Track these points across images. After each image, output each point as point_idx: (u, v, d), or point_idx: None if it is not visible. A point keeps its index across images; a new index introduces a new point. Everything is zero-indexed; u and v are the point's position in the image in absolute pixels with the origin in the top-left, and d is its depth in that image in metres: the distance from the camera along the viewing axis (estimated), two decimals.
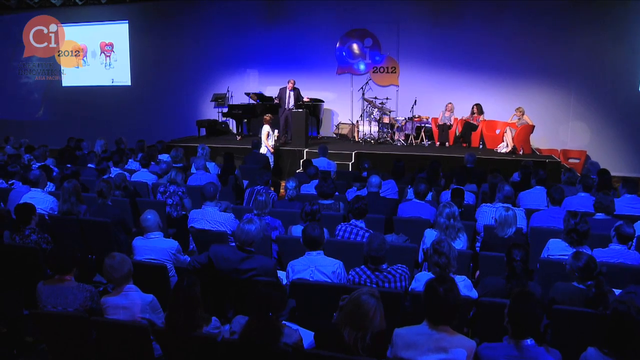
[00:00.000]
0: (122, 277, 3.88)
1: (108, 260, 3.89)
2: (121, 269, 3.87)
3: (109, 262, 3.87)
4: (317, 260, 4.47)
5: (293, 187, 6.97)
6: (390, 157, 11.91)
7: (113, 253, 3.96)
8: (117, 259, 3.89)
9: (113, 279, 3.90)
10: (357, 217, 5.54)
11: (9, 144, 12.63)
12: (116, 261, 3.88)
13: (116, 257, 3.91)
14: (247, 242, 4.50)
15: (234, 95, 16.59)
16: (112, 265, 3.86)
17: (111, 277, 3.89)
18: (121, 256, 3.94)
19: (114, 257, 3.91)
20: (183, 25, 17.34)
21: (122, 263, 3.89)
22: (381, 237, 4.27)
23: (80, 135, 13.12)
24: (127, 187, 7.54)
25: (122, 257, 3.93)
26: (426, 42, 14.78)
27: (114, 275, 3.87)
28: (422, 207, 6.48)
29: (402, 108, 14.68)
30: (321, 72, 15.89)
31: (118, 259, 3.89)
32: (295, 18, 16.03)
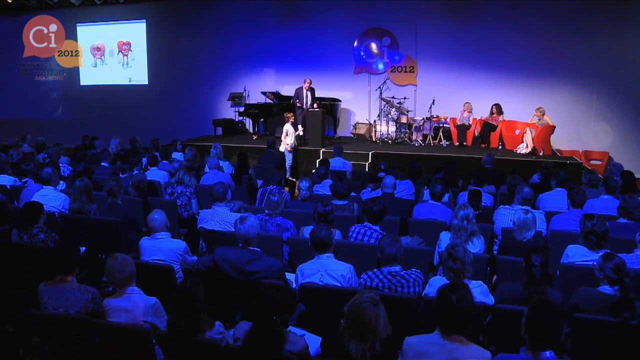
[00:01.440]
0: (124, 279, 3.76)
1: (110, 261, 3.78)
2: (123, 270, 3.75)
3: (111, 263, 3.76)
4: (326, 264, 4.32)
5: (306, 188, 6.83)
6: (408, 157, 11.75)
7: (115, 254, 3.85)
8: (119, 260, 3.77)
9: (115, 281, 3.79)
10: (372, 222, 5.36)
11: (26, 142, 12.64)
12: (118, 262, 3.76)
13: (118, 258, 3.80)
14: (245, 240, 4.36)
15: (250, 94, 16.50)
16: (114, 266, 3.74)
17: (113, 278, 3.78)
18: (123, 257, 3.83)
19: (116, 258, 3.80)
20: (200, 24, 17.28)
21: (125, 264, 3.77)
22: (394, 240, 4.11)
23: (98, 134, 13.12)
24: (141, 187, 7.46)
25: (124, 258, 3.81)
26: (445, 41, 14.55)
27: (116, 276, 3.76)
28: (438, 209, 6.31)
29: (420, 108, 14.47)
30: (338, 71, 15.74)
31: (120, 260, 3.77)
32: (312, 17, 15.89)
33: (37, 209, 5.44)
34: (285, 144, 11.88)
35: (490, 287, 4.84)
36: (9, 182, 8.22)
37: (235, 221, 4.43)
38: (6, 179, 8.31)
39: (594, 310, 3.70)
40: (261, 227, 5.74)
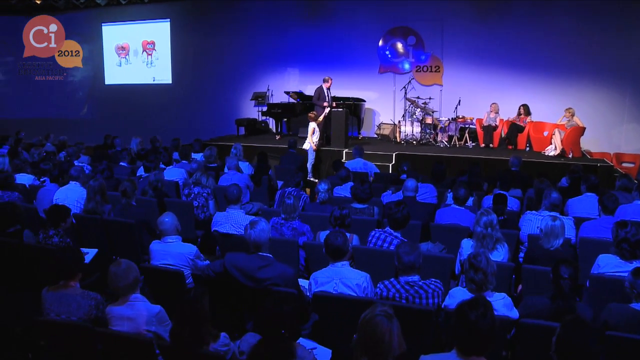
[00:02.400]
0: (127, 286, 3.60)
1: (113, 267, 3.63)
2: (126, 277, 3.60)
3: (114, 270, 3.61)
4: (341, 272, 4.11)
5: (325, 190, 6.63)
6: (432, 159, 11.49)
7: (119, 259, 3.70)
8: (123, 266, 3.62)
9: (117, 288, 3.63)
10: (394, 228, 5.12)
11: (49, 141, 12.68)
12: (121, 268, 3.61)
13: (122, 264, 3.64)
14: (256, 245, 4.17)
15: (274, 93, 16.37)
16: (117, 272, 3.59)
17: (115, 285, 3.62)
18: (127, 263, 3.67)
19: (120, 264, 3.65)
20: (224, 24, 17.21)
21: (128, 271, 3.61)
22: (413, 247, 3.89)
23: (122, 133, 13.11)
24: (158, 187, 7.32)
25: (128, 265, 3.65)
26: (471, 40, 14.22)
27: (118, 283, 3.60)
28: (461, 214, 6.05)
29: (445, 108, 14.14)
30: (363, 71, 15.52)
31: (123, 267, 3.62)
32: (336, 15, 15.69)
33: (62, 214, 5.35)
34: (311, 142, 11.66)
35: (515, 298, 4.61)
36: (29, 181, 8.19)
37: (245, 225, 4.25)
38: (25, 177, 8.29)
39: (626, 328, 3.43)
40: (276, 231, 5.58)
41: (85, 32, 19.37)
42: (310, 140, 11.71)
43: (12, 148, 10.58)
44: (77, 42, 19.25)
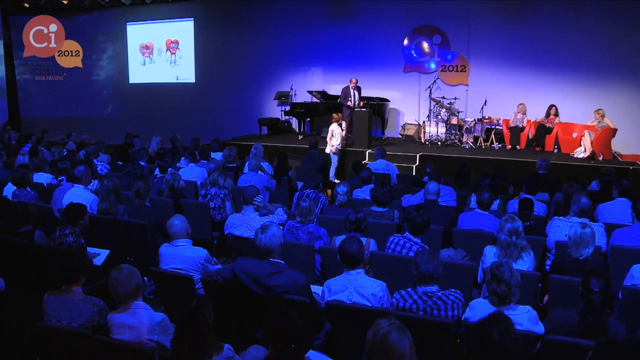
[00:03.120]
0: (128, 293, 3.44)
1: (114, 273, 3.47)
2: (127, 283, 3.44)
3: (115, 276, 3.45)
4: (356, 281, 3.91)
5: (344, 192, 6.41)
6: (457, 160, 11.25)
7: (121, 265, 3.55)
8: (124, 272, 3.46)
9: (118, 295, 3.48)
10: (414, 233, 4.90)
11: (71, 139, 12.69)
12: (122, 274, 3.45)
13: (123, 269, 3.49)
14: (267, 251, 3.99)
15: (297, 93, 16.19)
16: (117, 279, 3.43)
17: (116, 292, 3.47)
18: (129, 269, 3.51)
19: (121, 269, 3.49)
20: (247, 23, 17.08)
21: (129, 277, 3.46)
22: (432, 256, 3.66)
23: (145, 132, 13.06)
24: (175, 187, 7.19)
25: (129, 271, 3.50)
26: (498, 39, 13.86)
27: (119, 290, 3.45)
28: (485, 219, 5.78)
29: (471, 109, 13.84)
30: (387, 70, 15.26)
31: (125, 272, 3.46)
32: (360, 14, 15.45)
33: (79, 212, 5.25)
34: (330, 146, 11.47)
35: (540, 309, 4.36)
36: (46, 180, 8.14)
37: (255, 230, 4.06)
38: (43, 176, 8.24)
39: None
40: (292, 235, 5.40)
41: (111, 31, 19.47)
42: (329, 144, 11.48)
43: (32, 147, 10.57)
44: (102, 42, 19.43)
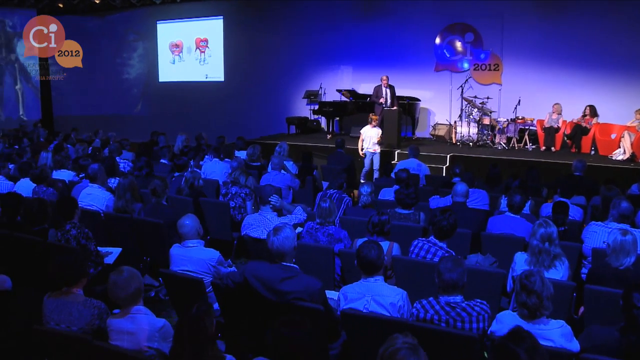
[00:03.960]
0: (127, 297, 3.24)
1: (113, 275, 3.27)
2: (127, 287, 3.23)
3: (114, 278, 3.25)
4: (374, 288, 3.64)
5: (367, 193, 6.13)
6: (489, 161, 10.90)
7: (121, 267, 3.34)
8: (124, 275, 3.25)
9: (117, 298, 3.27)
10: (439, 238, 4.61)
11: (98, 137, 12.67)
12: (122, 277, 3.24)
13: (124, 272, 3.28)
14: (279, 254, 3.75)
15: (327, 92, 15.96)
16: (116, 282, 3.23)
17: (115, 295, 3.26)
18: (130, 272, 3.30)
19: (121, 272, 3.28)
20: (277, 21, 16.95)
21: (130, 280, 3.25)
22: (456, 263, 3.37)
23: (174, 130, 12.95)
24: (195, 185, 7.02)
25: (130, 273, 3.29)
26: (533, 36, 13.40)
27: (118, 294, 3.24)
28: (516, 223, 5.44)
29: (504, 108, 13.40)
30: (418, 69, 14.92)
31: (125, 275, 3.25)
32: (391, 12, 15.13)
33: (71, 204, 5.10)
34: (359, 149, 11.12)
35: (575, 321, 4.04)
36: (68, 177, 8.07)
37: (268, 232, 3.83)
38: (65, 173, 8.18)
39: None
40: (311, 237, 5.16)
41: (141, 29, 19.56)
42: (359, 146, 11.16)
43: (58, 144, 10.55)
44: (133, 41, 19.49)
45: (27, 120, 18.24)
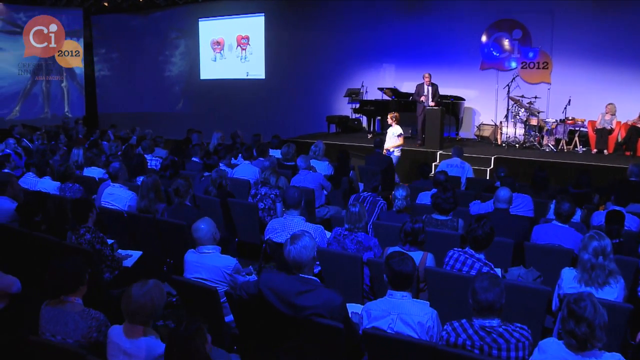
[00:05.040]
0: (134, 313, 2.88)
1: (136, 287, 2.93)
2: (138, 302, 2.86)
3: (132, 288, 2.92)
4: (401, 306, 3.26)
5: (403, 197, 5.72)
6: (536, 164, 10.47)
7: (148, 280, 2.97)
8: (142, 290, 2.89)
9: (125, 311, 2.92)
10: (475, 248, 4.19)
11: (135, 134, 12.59)
12: (139, 291, 2.89)
13: (144, 286, 2.92)
14: (296, 265, 3.41)
15: (368, 90, 15.66)
16: (131, 293, 2.88)
17: (123, 306, 2.93)
18: (149, 288, 2.93)
19: (143, 285, 2.93)
20: (318, 18, 16.66)
21: (145, 296, 2.89)
22: (493, 282, 2.96)
23: (213, 128, 12.77)
24: (223, 185, 6.75)
25: (148, 290, 2.92)
26: (585, 33, 12.70)
27: (127, 306, 2.89)
28: (564, 233, 4.95)
29: (553, 108, 12.79)
30: (463, 68, 14.39)
31: (142, 290, 2.89)
32: (436, 9, 14.65)
33: (87, 207, 4.87)
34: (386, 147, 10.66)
35: (633, 348, 3.58)
36: (99, 174, 7.94)
37: (285, 240, 3.49)
38: (96, 171, 8.06)
39: None
40: (338, 244, 4.81)
41: (183, 27, 19.59)
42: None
43: (92, 141, 10.47)
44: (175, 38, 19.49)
45: (71, 117, 18.43)
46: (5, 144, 10.27)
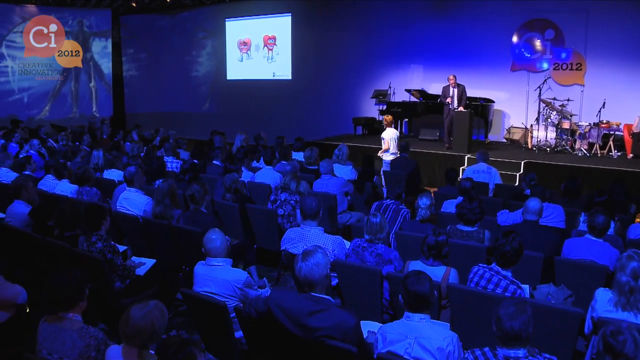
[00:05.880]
0: (131, 337, 2.70)
1: (135, 309, 2.75)
2: (137, 325, 2.67)
3: (131, 310, 2.75)
4: (419, 329, 3.02)
5: (426, 206, 5.48)
6: (568, 169, 10.08)
7: (150, 301, 2.79)
8: (142, 312, 2.71)
9: (122, 333, 2.75)
10: (502, 265, 3.93)
11: (159, 135, 12.53)
12: (138, 313, 2.70)
13: (146, 306, 2.74)
14: (308, 284, 3.19)
15: (396, 91, 15.37)
16: (130, 314, 2.70)
17: (120, 328, 2.75)
18: (149, 310, 2.74)
19: (144, 305, 2.74)
20: (346, 18, 16.42)
21: (144, 319, 2.70)
22: (520, 309, 2.70)
23: (238, 129, 12.65)
24: (239, 189, 6.57)
25: (148, 311, 2.73)
26: (621, 33, 12.23)
27: (124, 328, 2.73)
28: (598, 248, 4.62)
29: (586, 111, 12.37)
30: (493, 69, 14.01)
31: (141, 313, 2.71)
32: (465, 9, 14.28)
33: (100, 214, 4.72)
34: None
35: None
36: (119, 177, 7.83)
37: (296, 257, 3.28)
38: (115, 173, 7.96)
39: None
40: (357, 256, 4.58)
41: (210, 27, 19.55)
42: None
43: (115, 142, 10.40)
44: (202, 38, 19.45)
45: (98, 117, 18.52)
46: (30, 145, 10.27)
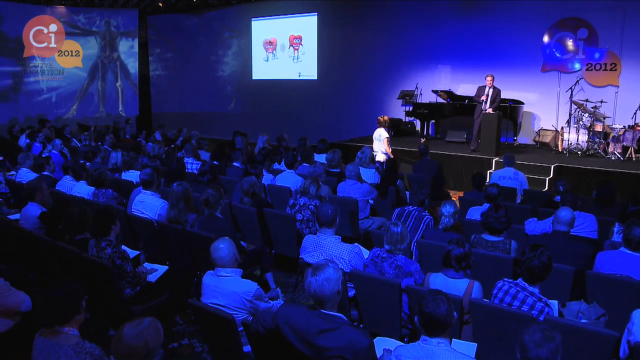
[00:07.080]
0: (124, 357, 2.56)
1: (128, 327, 2.58)
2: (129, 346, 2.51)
3: (123, 329, 2.58)
4: (436, 354, 2.78)
5: (450, 214, 5.21)
6: (600, 174, 9.67)
7: (144, 319, 2.63)
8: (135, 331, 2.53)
9: (117, 354, 2.59)
10: (529, 281, 3.67)
11: (182, 135, 12.45)
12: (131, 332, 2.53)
13: (140, 324, 2.57)
14: (318, 300, 2.98)
15: (423, 92, 15.12)
16: (123, 334, 2.52)
17: (114, 350, 2.59)
18: (144, 328, 2.58)
19: (138, 324, 2.57)
20: (372, 18, 16.18)
21: (137, 338, 2.53)
22: (547, 336, 2.45)
23: (263, 129, 12.53)
24: (257, 193, 6.39)
25: (142, 330, 2.56)
26: None
27: (116, 347, 2.56)
28: (635, 262, 4.29)
29: (620, 114, 11.97)
30: (522, 69, 13.63)
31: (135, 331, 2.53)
32: (494, 8, 13.92)
33: (109, 219, 4.58)
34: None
35: None
36: (137, 178, 7.71)
37: (306, 271, 3.07)
38: (134, 174, 7.85)
39: None
40: (375, 267, 4.36)
41: (236, 27, 19.51)
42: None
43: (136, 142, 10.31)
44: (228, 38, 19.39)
45: (123, 116, 18.57)
46: (52, 145, 10.24)
